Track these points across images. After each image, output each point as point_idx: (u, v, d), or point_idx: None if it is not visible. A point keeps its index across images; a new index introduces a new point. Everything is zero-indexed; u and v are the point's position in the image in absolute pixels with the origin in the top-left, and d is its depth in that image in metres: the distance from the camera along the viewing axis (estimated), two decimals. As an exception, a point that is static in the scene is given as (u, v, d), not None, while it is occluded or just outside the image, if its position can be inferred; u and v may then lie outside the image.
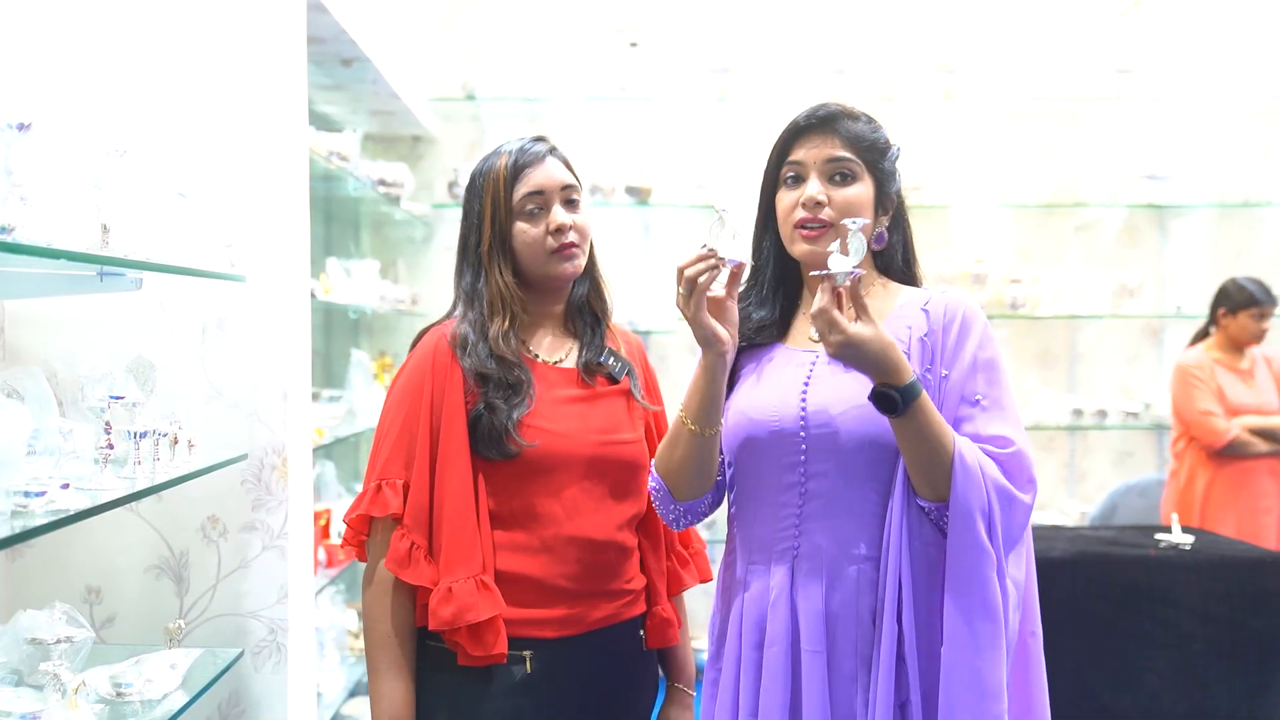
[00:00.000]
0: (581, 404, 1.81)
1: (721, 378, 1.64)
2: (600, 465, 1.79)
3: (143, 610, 2.27)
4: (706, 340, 1.62)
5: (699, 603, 5.02)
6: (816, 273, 1.56)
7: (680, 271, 1.59)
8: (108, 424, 1.76)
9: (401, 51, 4.13)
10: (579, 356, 1.86)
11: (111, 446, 1.75)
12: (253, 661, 2.29)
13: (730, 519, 1.78)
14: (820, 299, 1.53)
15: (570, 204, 1.83)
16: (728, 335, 1.62)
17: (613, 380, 1.86)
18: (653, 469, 1.75)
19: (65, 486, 1.55)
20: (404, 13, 4.23)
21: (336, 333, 4.54)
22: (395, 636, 1.74)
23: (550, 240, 1.79)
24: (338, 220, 4.56)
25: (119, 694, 1.81)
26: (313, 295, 3.26)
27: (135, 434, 1.82)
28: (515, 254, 1.81)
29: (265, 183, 2.28)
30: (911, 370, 1.55)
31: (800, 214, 1.67)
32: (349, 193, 3.89)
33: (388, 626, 1.74)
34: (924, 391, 1.55)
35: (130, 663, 1.88)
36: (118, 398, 1.78)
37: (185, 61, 2.24)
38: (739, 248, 1.59)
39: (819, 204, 1.66)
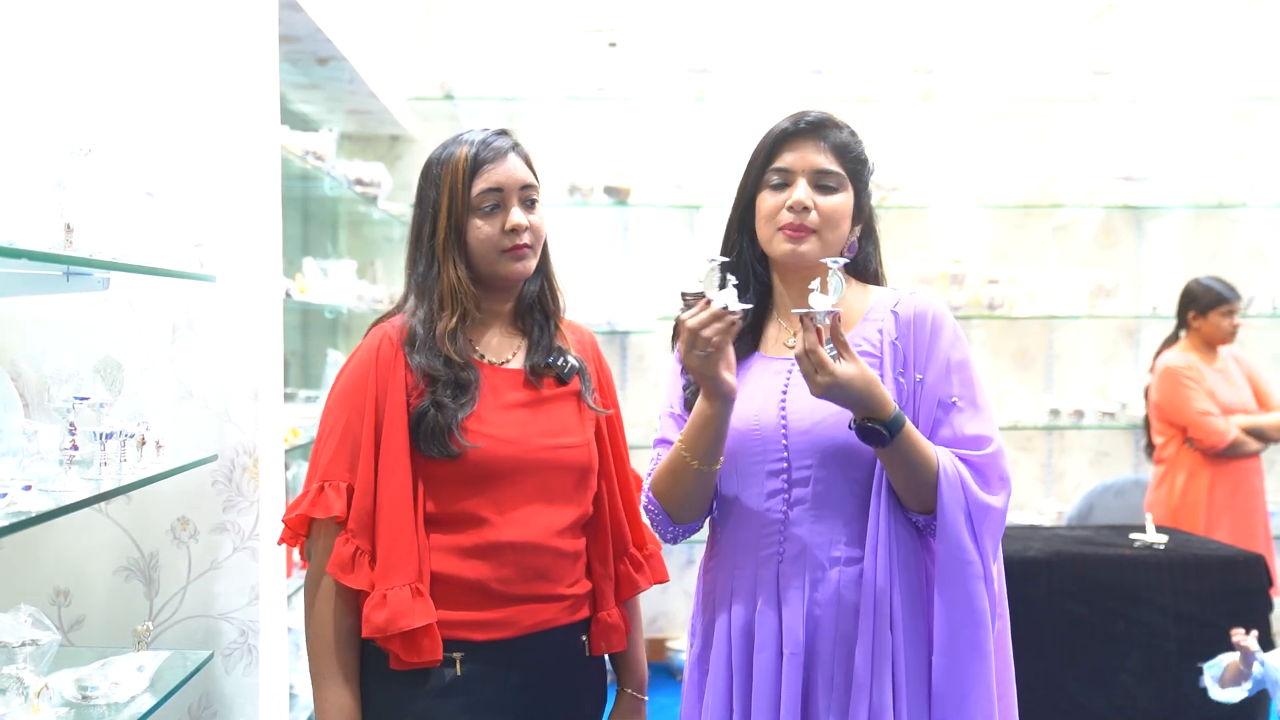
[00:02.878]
0: (527, 408, 1.78)
1: (728, 421, 1.65)
2: (543, 470, 1.76)
3: (112, 612, 2.25)
4: (722, 394, 1.61)
5: (680, 603, 5.04)
6: (798, 310, 1.57)
7: (689, 328, 1.57)
8: (73, 425, 1.74)
9: (378, 50, 4.11)
10: (527, 357, 1.82)
11: (76, 447, 1.74)
12: (224, 663, 2.28)
13: (713, 523, 1.80)
14: (804, 339, 1.55)
15: (528, 204, 1.78)
16: (735, 382, 1.62)
17: (561, 382, 1.82)
18: (649, 492, 1.77)
19: (28, 488, 1.54)
20: (380, 11, 4.22)
21: (313, 333, 4.53)
22: (341, 643, 1.71)
23: (504, 239, 1.75)
24: (314, 220, 4.54)
25: (84, 697, 1.80)
26: (288, 295, 3.25)
27: (102, 435, 1.81)
28: (469, 249, 1.76)
29: (236, 181, 2.26)
30: (894, 403, 1.59)
31: (787, 217, 1.70)
32: (325, 192, 3.87)
33: (331, 633, 1.71)
34: (907, 420, 1.60)
35: (97, 665, 1.87)
36: (83, 398, 1.76)
37: (152, 58, 2.22)
38: (735, 295, 1.58)
39: (806, 208, 1.69)
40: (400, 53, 4.57)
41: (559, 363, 1.81)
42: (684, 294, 1.63)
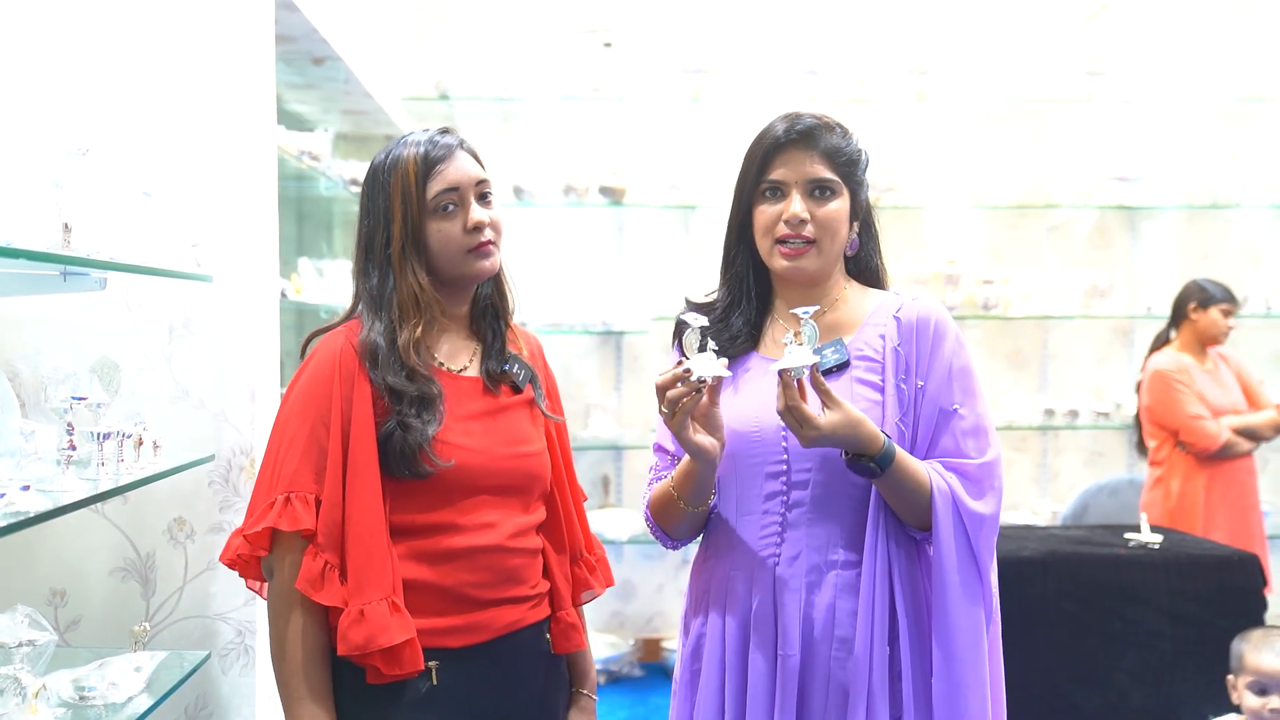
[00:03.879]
0: (489, 417, 1.75)
1: (711, 475, 1.67)
2: (509, 478, 1.74)
3: (108, 613, 2.25)
4: (695, 454, 1.63)
5: (677, 603, 5.04)
6: (776, 367, 1.58)
7: (660, 390, 1.59)
8: (70, 425, 1.74)
9: (374, 50, 4.11)
10: (482, 363, 1.79)
11: (74, 448, 1.73)
12: (220, 664, 2.28)
13: (710, 521, 1.79)
14: (784, 397, 1.56)
15: (484, 199, 1.74)
16: (715, 443, 1.63)
17: (515, 389, 1.80)
18: (647, 509, 1.79)
19: (26, 488, 1.54)
20: (376, 11, 4.21)
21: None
22: (312, 662, 1.63)
23: (467, 239, 1.71)
24: (310, 220, 4.54)
25: (81, 697, 1.80)
26: (284, 295, 3.25)
27: (99, 435, 1.81)
28: (430, 253, 1.71)
29: (232, 181, 2.26)
30: (882, 436, 1.60)
31: (783, 229, 1.70)
32: (321, 192, 3.87)
33: (302, 652, 1.63)
34: (897, 451, 1.61)
35: (94, 666, 1.87)
36: (80, 398, 1.76)
37: (150, 59, 2.22)
38: (714, 361, 1.58)
39: (803, 221, 1.69)
40: (395, 53, 4.57)
41: (514, 369, 1.79)
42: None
